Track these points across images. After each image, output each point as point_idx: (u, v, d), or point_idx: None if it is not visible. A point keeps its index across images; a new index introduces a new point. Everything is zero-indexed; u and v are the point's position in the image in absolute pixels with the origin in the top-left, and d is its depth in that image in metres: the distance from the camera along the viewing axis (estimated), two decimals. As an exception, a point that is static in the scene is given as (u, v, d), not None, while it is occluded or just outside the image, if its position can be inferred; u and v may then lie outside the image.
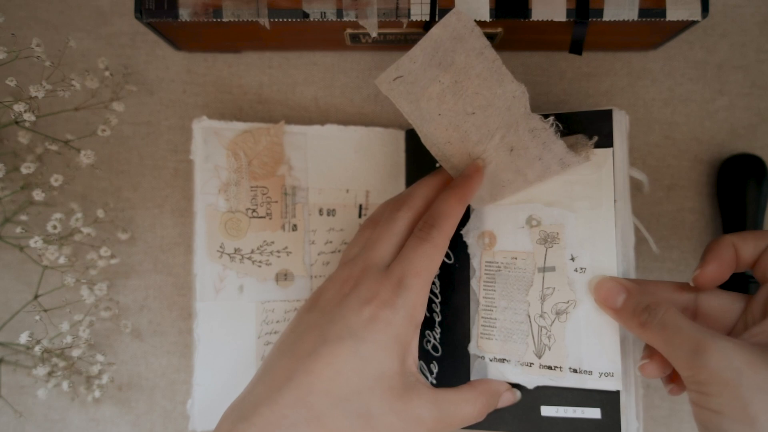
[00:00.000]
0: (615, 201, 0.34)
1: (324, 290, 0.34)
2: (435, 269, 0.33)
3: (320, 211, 0.41)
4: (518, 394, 0.35)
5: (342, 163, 0.41)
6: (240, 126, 0.39)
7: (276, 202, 0.40)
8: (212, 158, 0.39)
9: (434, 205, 0.34)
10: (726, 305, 0.31)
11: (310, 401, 0.29)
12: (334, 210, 0.41)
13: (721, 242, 0.31)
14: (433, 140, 0.35)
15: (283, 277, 0.40)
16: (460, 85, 0.33)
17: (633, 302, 0.31)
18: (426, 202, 0.35)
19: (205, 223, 0.39)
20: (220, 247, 0.39)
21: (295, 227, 0.40)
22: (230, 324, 0.39)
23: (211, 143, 0.39)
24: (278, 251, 0.40)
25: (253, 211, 0.39)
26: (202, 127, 0.39)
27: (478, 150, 0.34)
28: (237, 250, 0.39)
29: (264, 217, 0.40)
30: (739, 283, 0.41)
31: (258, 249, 0.40)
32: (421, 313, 0.32)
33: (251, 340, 0.39)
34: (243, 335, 0.39)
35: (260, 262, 0.40)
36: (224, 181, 0.39)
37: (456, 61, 0.32)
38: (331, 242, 0.41)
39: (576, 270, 0.34)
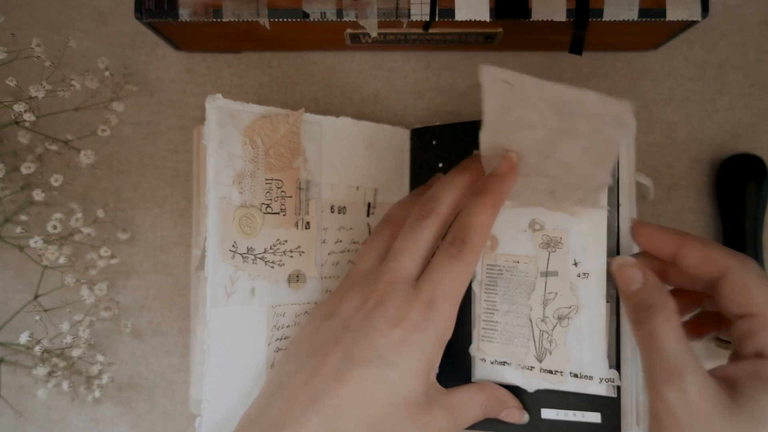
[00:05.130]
0: (619, 205, 0.33)
1: (344, 298, 0.32)
2: (465, 288, 0.31)
3: (332, 208, 0.38)
4: (526, 417, 0.35)
5: (353, 159, 0.39)
6: (256, 109, 0.35)
7: (290, 197, 0.36)
8: (226, 144, 0.34)
9: (465, 215, 0.31)
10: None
11: (338, 426, 0.28)
12: (344, 207, 0.39)
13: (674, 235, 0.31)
14: (494, 139, 0.32)
15: (295, 278, 0.37)
16: (559, 139, 0.30)
17: (642, 295, 0.30)
18: (454, 207, 0.33)
19: (218, 218, 0.34)
20: (233, 246, 0.34)
21: (308, 225, 0.37)
22: (241, 331, 0.35)
23: (227, 127, 0.34)
24: (291, 251, 0.36)
25: (267, 206, 0.35)
26: (216, 106, 0.34)
27: (526, 171, 0.33)
28: (250, 250, 0.35)
29: (278, 213, 0.36)
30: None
31: (271, 248, 0.36)
32: (449, 333, 0.31)
33: (262, 348, 0.35)
34: (253, 343, 0.35)
35: (273, 262, 0.36)
36: (239, 172, 0.35)
37: (577, 127, 0.29)
38: (341, 241, 0.39)
39: (579, 275, 0.34)
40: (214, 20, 0.34)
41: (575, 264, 0.34)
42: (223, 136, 0.34)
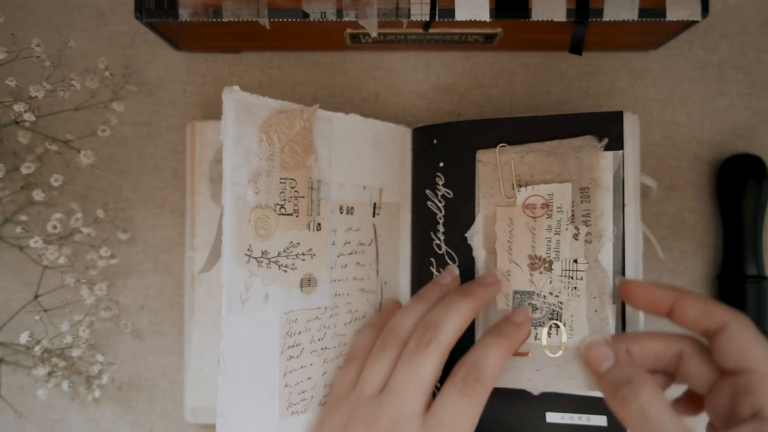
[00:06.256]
0: (624, 206, 0.33)
1: (350, 422, 0.31)
2: (475, 426, 0.30)
3: (341, 209, 0.37)
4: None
5: (360, 157, 0.38)
6: (272, 103, 0.33)
7: (303, 197, 0.35)
8: (243, 141, 0.32)
9: (481, 352, 0.31)
10: (706, 376, 0.30)
11: None
12: (352, 208, 0.38)
13: (669, 291, 0.30)
14: None
15: (307, 282, 0.35)
16: None
17: (618, 372, 0.29)
18: (457, 334, 0.32)
19: (234, 220, 0.32)
20: (248, 249, 0.32)
21: (319, 226, 0.36)
22: (254, 340, 0.33)
23: (244, 122, 0.32)
24: (303, 254, 0.35)
25: (281, 207, 0.34)
26: (234, 99, 0.32)
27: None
28: (264, 253, 0.33)
29: (291, 215, 0.34)
30: (736, 282, 0.41)
31: (284, 251, 0.34)
32: None
33: (275, 356, 0.34)
34: (266, 352, 0.33)
35: (286, 266, 0.34)
36: (255, 170, 0.33)
37: None
38: (349, 243, 0.38)
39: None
40: (214, 20, 0.34)
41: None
42: (240, 132, 0.32)
